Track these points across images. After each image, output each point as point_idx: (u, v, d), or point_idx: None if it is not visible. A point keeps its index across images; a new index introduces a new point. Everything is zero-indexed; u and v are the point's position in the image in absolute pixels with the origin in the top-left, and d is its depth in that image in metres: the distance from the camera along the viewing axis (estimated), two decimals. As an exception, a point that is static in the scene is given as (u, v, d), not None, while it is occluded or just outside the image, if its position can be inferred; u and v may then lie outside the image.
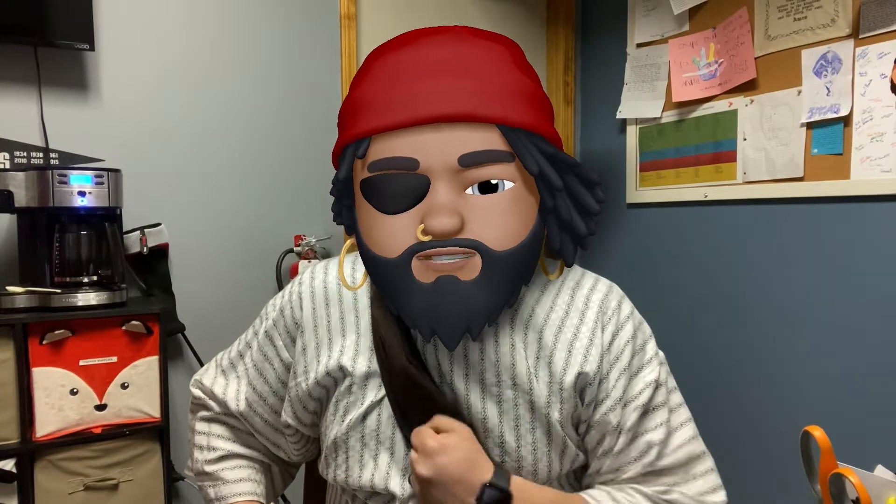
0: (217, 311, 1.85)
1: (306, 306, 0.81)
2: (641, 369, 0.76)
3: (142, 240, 1.68)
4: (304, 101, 2.00)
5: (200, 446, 0.88)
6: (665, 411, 0.75)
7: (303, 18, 1.98)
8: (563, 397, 0.73)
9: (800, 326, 1.76)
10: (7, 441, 1.37)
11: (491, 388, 0.74)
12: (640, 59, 2.17)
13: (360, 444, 0.76)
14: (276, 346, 0.83)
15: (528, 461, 0.74)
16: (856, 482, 0.71)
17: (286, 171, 1.97)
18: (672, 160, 2.09)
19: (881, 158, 1.55)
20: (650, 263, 2.16)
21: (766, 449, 1.84)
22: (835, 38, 1.63)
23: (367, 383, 0.76)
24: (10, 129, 1.59)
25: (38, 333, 1.38)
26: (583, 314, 0.76)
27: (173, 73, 1.79)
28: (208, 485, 0.85)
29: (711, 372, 1.96)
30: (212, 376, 0.90)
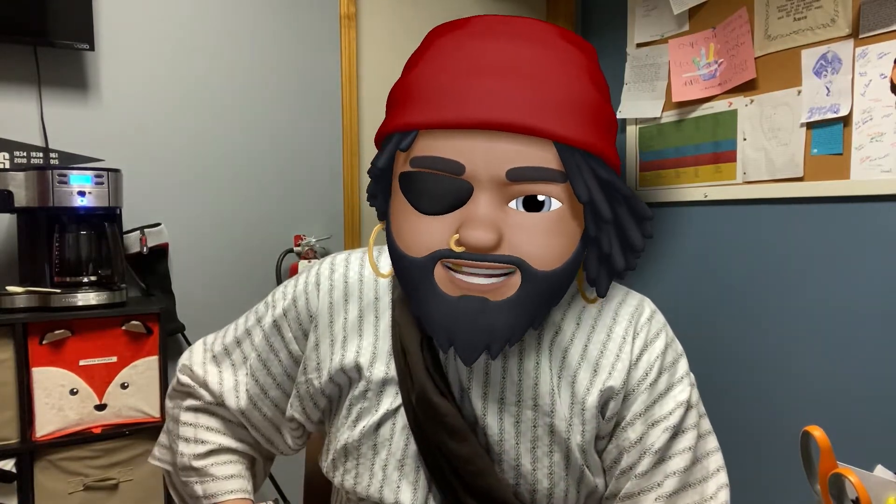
0: (217, 311, 1.85)
1: (323, 299, 0.76)
2: (672, 388, 0.71)
3: (142, 240, 1.68)
4: (305, 101, 1.99)
5: (187, 438, 0.81)
6: (694, 435, 0.71)
7: (303, 18, 1.98)
8: (584, 418, 0.70)
9: (799, 326, 1.76)
10: (7, 441, 1.37)
11: (510, 408, 0.70)
12: (640, 58, 2.17)
13: (372, 453, 0.73)
14: (284, 337, 0.79)
15: (544, 485, 0.70)
16: (856, 482, 0.71)
17: (286, 171, 1.97)
18: (672, 160, 2.09)
19: (881, 158, 1.55)
20: (650, 263, 2.16)
21: (766, 449, 1.84)
22: (835, 38, 1.63)
23: (384, 390, 0.73)
24: (10, 129, 1.59)
25: (37, 333, 1.38)
26: (610, 329, 0.72)
27: (173, 74, 1.79)
28: (195, 481, 0.80)
29: (710, 372, 1.95)
30: (201, 362, 0.84)
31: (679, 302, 2.06)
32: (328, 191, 2.05)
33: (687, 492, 0.69)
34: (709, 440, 0.73)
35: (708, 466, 0.71)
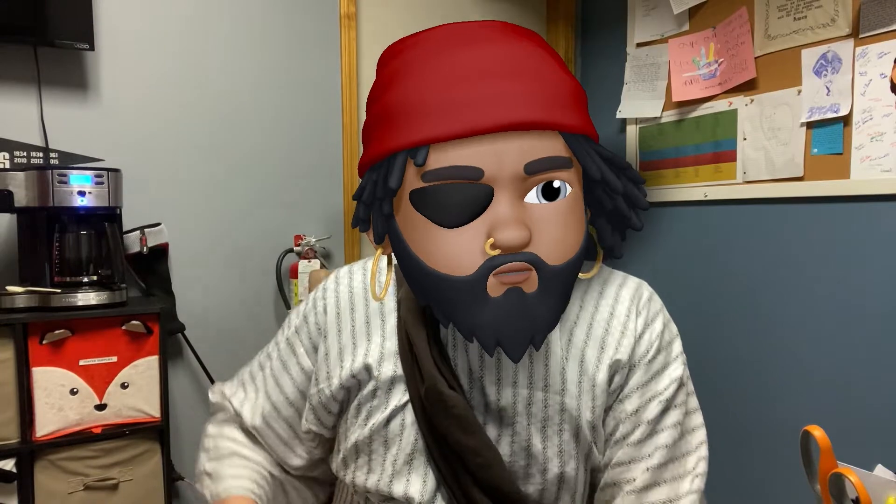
0: (217, 311, 1.85)
1: (331, 311, 0.80)
2: (668, 365, 0.75)
3: (142, 240, 1.68)
4: (304, 101, 1.99)
5: (206, 448, 0.86)
6: (682, 411, 0.75)
7: (303, 18, 1.98)
8: (595, 394, 0.73)
9: (799, 326, 1.76)
10: (7, 441, 1.37)
11: (521, 391, 0.73)
12: (640, 58, 2.17)
13: (383, 448, 0.75)
14: (296, 353, 0.82)
15: (555, 464, 0.73)
16: (856, 482, 0.71)
17: (286, 171, 1.97)
18: (672, 160, 2.09)
19: (881, 158, 1.55)
20: (649, 263, 2.16)
21: (765, 449, 1.84)
22: (835, 37, 1.63)
23: (392, 388, 0.75)
24: (9, 129, 1.59)
25: (37, 333, 1.38)
26: (613, 308, 0.76)
27: (173, 74, 1.79)
28: (207, 483, 0.82)
29: (710, 371, 1.95)
30: (234, 387, 0.89)
31: (679, 301, 2.05)
32: (328, 191, 2.05)
33: (672, 464, 0.74)
34: (695, 416, 0.78)
35: (691, 441, 0.75)
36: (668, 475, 0.73)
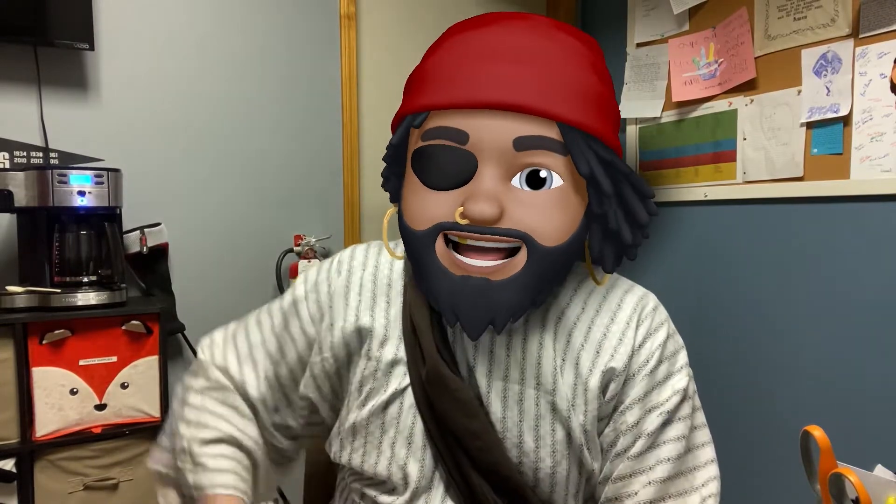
0: (217, 311, 1.85)
1: (342, 281, 0.80)
2: (671, 377, 0.74)
3: (141, 240, 1.68)
4: (304, 101, 1.99)
5: (188, 421, 0.79)
6: (688, 425, 0.73)
7: (303, 18, 1.98)
8: (587, 398, 0.72)
9: (799, 326, 1.76)
10: (7, 441, 1.37)
11: (513, 386, 0.73)
12: (639, 58, 2.17)
13: (380, 431, 0.75)
14: (301, 317, 0.81)
15: (547, 463, 0.72)
16: (855, 482, 0.71)
17: (286, 171, 1.97)
18: (672, 160, 2.09)
19: (881, 158, 1.55)
20: (649, 263, 2.16)
21: (766, 448, 1.84)
22: (835, 37, 1.63)
23: (393, 370, 0.75)
24: (9, 129, 1.59)
25: (37, 333, 1.38)
26: (614, 314, 0.75)
27: (173, 74, 1.79)
28: (189, 468, 0.76)
29: (710, 371, 1.96)
30: (221, 347, 0.85)
31: (679, 302, 2.06)
32: (328, 191, 2.05)
33: (678, 479, 0.72)
34: (702, 432, 0.75)
35: (699, 457, 0.74)
36: (673, 490, 0.71)
